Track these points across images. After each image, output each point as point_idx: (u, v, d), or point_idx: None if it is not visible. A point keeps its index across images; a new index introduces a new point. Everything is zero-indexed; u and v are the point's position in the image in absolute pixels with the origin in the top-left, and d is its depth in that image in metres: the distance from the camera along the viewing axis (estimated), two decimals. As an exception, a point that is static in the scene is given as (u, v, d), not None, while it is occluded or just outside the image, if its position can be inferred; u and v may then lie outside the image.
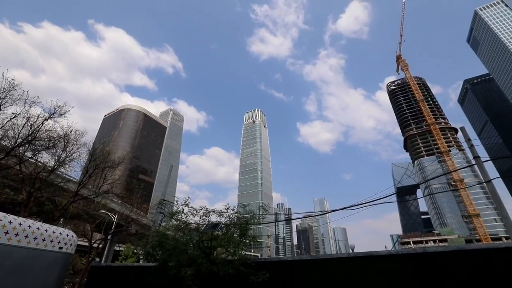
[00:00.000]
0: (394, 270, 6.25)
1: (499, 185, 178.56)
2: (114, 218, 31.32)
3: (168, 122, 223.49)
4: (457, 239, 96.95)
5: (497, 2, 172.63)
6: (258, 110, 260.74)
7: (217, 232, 8.64)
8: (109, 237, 33.26)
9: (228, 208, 9.35)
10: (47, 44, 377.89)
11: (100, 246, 30.72)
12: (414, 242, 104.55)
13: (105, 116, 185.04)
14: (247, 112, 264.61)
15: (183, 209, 9.57)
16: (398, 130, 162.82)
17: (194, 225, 9.07)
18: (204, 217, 9.16)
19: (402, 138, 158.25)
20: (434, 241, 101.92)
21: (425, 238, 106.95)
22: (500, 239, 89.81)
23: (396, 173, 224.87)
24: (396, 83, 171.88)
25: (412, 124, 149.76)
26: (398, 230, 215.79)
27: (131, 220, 34.60)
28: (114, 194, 28.55)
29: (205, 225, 9.05)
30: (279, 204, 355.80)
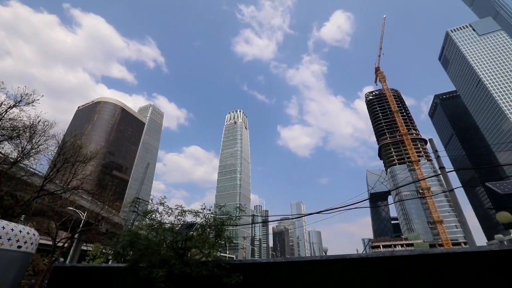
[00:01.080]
0: (364, 272, 6.51)
1: (461, 194, 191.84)
2: (83, 216, 29.66)
3: (147, 118, 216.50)
4: (422, 243, 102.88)
5: (466, 26, 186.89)
6: (240, 111, 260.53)
7: (192, 232, 8.48)
8: (76, 235, 31.38)
9: (204, 209, 9.20)
10: (14, 25, 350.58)
11: (66, 245, 28.88)
12: (384, 246, 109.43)
13: (78, 107, 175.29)
14: (229, 113, 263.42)
15: (158, 208, 9.30)
16: (373, 138, 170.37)
17: (169, 225, 8.84)
18: (179, 217, 8.96)
19: (377, 146, 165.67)
20: (402, 245, 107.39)
21: (393, 242, 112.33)
22: (459, 244, 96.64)
23: (370, 180, 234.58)
24: (374, 93, 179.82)
25: (386, 133, 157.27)
26: (370, 234, 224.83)
27: (102, 218, 32.94)
28: (84, 190, 26.99)
29: (180, 225, 8.86)
30: (256, 206, 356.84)
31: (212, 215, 9.10)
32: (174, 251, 8.06)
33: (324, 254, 8.46)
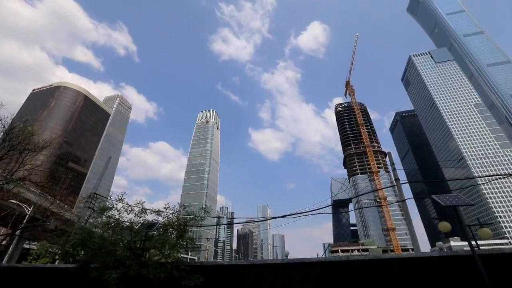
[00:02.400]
0: (323, 275, 6.78)
1: (412, 205, 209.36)
2: (28, 211, 26.75)
3: (113, 109, 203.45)
4: (376, 249, 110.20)
5: (426, 53, 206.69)
6: (213, 111, 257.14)
7: (152, 232, 8.11)
8: (17, 232, 28.14)
9: (167, 208, 8.85)
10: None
11: (4, 243, 25.73)
12: (342, 251, 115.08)
13: (33, 90, 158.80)
14: (202, 112, 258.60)
15: (115, 205, 8.73)
16: (340, 147, 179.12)
17: (128, 223, 8.34)
18: (140, 215, 8.51)
19: (343, 155, 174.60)
20: (358, 250, 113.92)
21: (351, 247, 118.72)
22: (408, 250, 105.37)
23: (334, 187, 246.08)
24: (343, 105, 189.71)
25: (352, 144, 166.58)
26: (331, 239, 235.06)
27: (51, 214, 30.00)
28: (32, 182, 24.32)
29: (140, 224, 8.42)
30: (222, 207, 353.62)
31: (175, 215, 8.78)
32: (131, 251, 7.62)
33: (285, 257, 8.65)
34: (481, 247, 6.45)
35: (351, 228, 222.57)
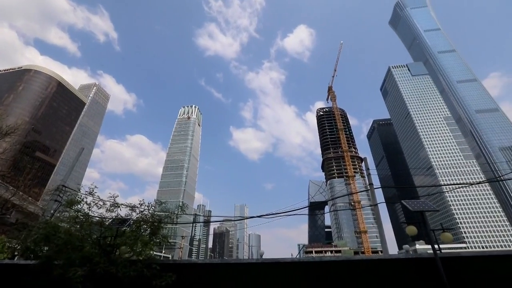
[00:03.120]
0: (297, 275, 6.90)
1: (383, 209, 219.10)
2: (-14, 202, 24.69)
3: (89, 98, 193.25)
4: (348, 250, 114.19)
5: (404, 66, 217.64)
6: (195, 107, 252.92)
7: (124, 228, 7.80)
8: (-28, 224, 25.86)
9: (142, 204, 8.53)
10: None
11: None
12: (316, 252, 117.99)
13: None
14: (184, 107, 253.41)
15: (85, 198, 8.29)
16: (319, 150, 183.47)
17: (98, 218, 7.95)
18: (112, 210, 8.14)
19: (321, 158, 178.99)
20: (332, 251, 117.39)
21: (325, 249, 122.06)
22: (377, 252, 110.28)
23: (311, 189, 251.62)
24: (324, 110, 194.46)
25: (330, 148, 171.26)
26: (306, 240, 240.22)
27: (12, 206, 27.89)
28: (-7, 171, 22.47)
29: (111, 220, 8.06)
30: (200, 205, 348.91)
31: (150, 211, 8.49)
32: (101, 248, 7.28)
33: (260, 257, 8.70)
34: (442, 251, 6.89)
35: (326, 230, 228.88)
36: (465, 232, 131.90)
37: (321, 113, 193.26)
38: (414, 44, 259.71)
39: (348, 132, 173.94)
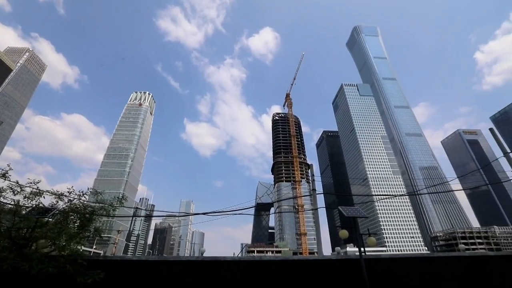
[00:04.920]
0: (237, 273, 6.96)
1: (323, 214, 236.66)
2: None
3: (18, 64, 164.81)
4: (288, 251, 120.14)
5: (354, 85, 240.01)
6: (149, 94, 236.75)
7: (47, 219, 6.81)
8: None
9: (72, 192, 7.49)
10: None
11: None
12: (258, 251, 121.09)
13: None
14: (136, 92, 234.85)
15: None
16: (271, 153, 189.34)
17: (12, 206, 6.75)
18: (31, 198, 7.00)
19: (272, 161, 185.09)
20: (272, 251, 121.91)
21: (266, 249, 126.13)
22: (314, 253, 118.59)
23: (260, 190, 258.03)
24: (280, 115, 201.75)
25: (282, 152, 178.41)
26: (250, 240, 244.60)
27: None
28: None
29: (30, 208, 6.96)
30: (142, 198, 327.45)
31: (82, 201, 7.56)
32: (12, 240, 6.22)
33: (201, 255, 8.54)
34: (368, 253, 7.77)
35: (270, 231, 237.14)
36: (386, 237, 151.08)
37: (277, 117, 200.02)
38: (365, 67, 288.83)
39: (299, 139, 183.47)
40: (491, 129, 15.02)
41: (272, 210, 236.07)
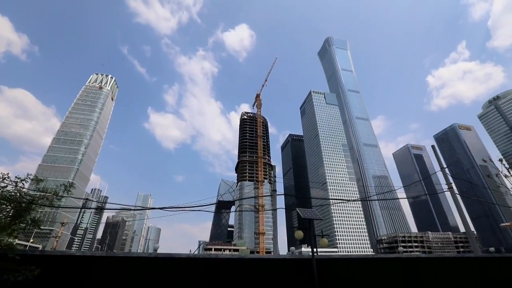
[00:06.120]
0: (191, 271, 6.81)
1: (282, 214, 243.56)
2: None
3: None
4: (245, 250, 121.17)
5: (322, 93, 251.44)
6: (112, 78, 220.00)
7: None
8: None
9: (5, 178, 6.54)
10: None
11: None
12: (215, 249, 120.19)
13: None
14: (97, 74, 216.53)
15: None
16: (236, 152, 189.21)
17: None
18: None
19: (237, 160, 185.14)
20: (230, 250, 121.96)
21: (224, 247, 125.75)
22: (270, 252, 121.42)
23: (222, 188, 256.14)
24: (248, 115, 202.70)
25: (247, 152, 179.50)
26: (208, 238, 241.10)
27: None
28: None
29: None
30: (94, 189, 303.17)
31: (18, 188, 6.69)
32: None
33: (154, 251, 8.19)
34: (320, 253, 8.20)
35: (229, 229, 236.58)
36: (338, 239, 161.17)
37: (245, 117, 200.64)
38: (333, 77, 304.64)
39: (265, 140, 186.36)
40: (433, 146, 16.93)
41: (233, 208, 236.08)
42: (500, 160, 16.76)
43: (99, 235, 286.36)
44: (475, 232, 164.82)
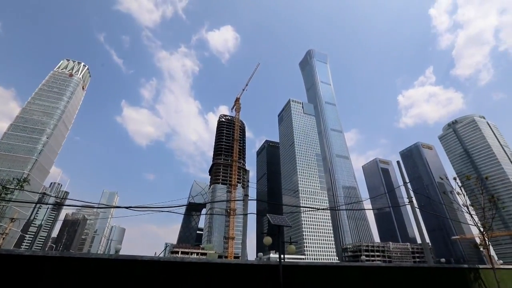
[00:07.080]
0: (155, 274, 6.52)
1: (253, 220, 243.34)
2: None
3: None
4: (213, 254, 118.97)
5: (300, 102, 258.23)
6: (84, 65, 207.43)
7: None
8: None
9: None
10: None
11: None
12: (182, 252, 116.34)
13: None
14: (68, 60, 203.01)
15: None
16: (211, 153, 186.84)
17: None
18: None
19: (211, 162, 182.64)
20: (198, 253, 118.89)
21: (192, 250, 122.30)
22: (239, 257, 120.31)
23: (194, 189, 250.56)
24: (227, 117, 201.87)
25: (222, 154, 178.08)
26: (175, 240, 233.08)
27: None
28: None
29: None
30: (54, 183, 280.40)
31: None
32: None
33: (115, 252, 7.76)
34: (287, 260, 8.32)
35: (198, 232, 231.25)
36: (306, 246, 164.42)
37: (223, 119, 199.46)
38: (312, 88, 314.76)
39: (242, 144, 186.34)
40: (398, 162, 18.09)
41: (203, 211, 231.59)
42: (454, 178, 18.33)
43: (55, 233, 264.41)
44: (429, 244, 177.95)
